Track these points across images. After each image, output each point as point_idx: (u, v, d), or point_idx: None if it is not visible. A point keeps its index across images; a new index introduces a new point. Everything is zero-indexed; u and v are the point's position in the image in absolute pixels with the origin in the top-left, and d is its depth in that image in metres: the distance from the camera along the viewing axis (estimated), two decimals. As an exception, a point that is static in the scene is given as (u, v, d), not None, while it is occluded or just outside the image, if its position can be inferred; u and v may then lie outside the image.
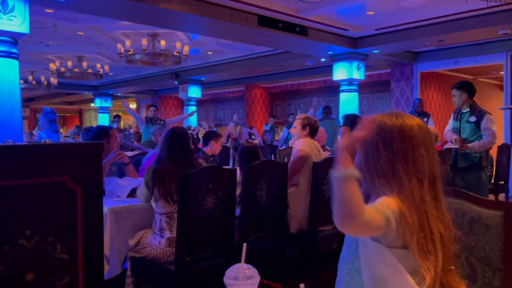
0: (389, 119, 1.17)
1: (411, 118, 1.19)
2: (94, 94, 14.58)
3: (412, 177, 1.12)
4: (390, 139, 1.14)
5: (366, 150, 1.16)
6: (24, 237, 1.35)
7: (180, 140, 2.64)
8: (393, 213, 1.07)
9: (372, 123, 1.13)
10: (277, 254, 3.11)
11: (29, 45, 8.16)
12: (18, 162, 1.34)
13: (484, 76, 10.93)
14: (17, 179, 1.34)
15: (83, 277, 1.49)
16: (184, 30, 7.01)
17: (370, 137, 1.13)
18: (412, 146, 1.14)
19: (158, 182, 2.49)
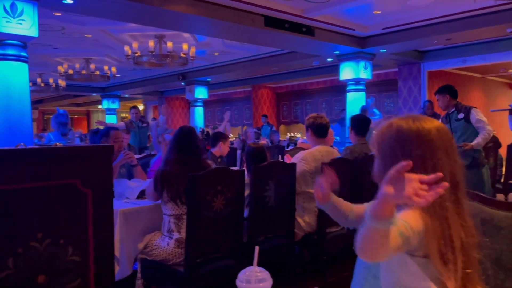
0: (406, 123, 1.12)
1: (429, 121, 1.14)
2: (102, 95, 14.67)
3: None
4: (408, 144, 1.10)
5: (383, 157, 1.13)
6: (36, 239, 1.36)
7: (188, 139, 2.62)
8: (417, 232, 1.02)
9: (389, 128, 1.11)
10: (285, 255, 3.11)
11: (38, 48, 8.23)
12: (30, 165, 1.35)
13: (493, 74, 10.84)
14: (28, 182, 1.35)
15: (94, 279, 1.50)
16: (190, 32, 7.04)
17: (386, 142, 1.11)
18: (430, 150, 1.09)
19: (166, 185, 2.50)
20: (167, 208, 2.53)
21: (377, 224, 0.94)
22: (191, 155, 2.60)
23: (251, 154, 3.19)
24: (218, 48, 8.65)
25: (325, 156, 3.30)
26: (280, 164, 3.18)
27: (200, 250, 2.40)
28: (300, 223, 3.19)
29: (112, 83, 13.00)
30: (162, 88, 14.40)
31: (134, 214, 2.65)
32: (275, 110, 14.15)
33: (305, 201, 3.26)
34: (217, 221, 2.45)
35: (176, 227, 2.48)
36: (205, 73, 11.05)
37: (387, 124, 1.14)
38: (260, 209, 2.84)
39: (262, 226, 2.91)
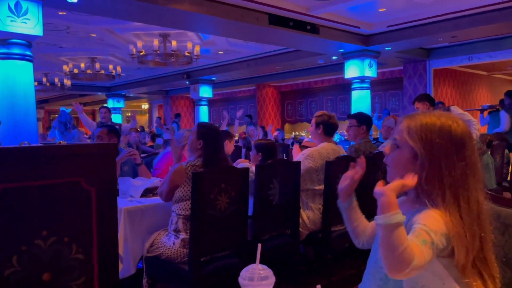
0: (456, 123, 1.07)
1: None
2: (107, 95, 14.72)
3: (478, 188, 1.06)
4: (463, 147, 1.05)
5: (431, 155, 1.05)
6: (40, 237, 1.36)
7: (215, 135, 2.62)
8: (441, 233, 0.99)
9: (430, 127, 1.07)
10: (290, 253, 3.10)
11: (43, 48, 8.27)
12: (33, 163, 1.35)
13: (499, 72, 10.76)
14: (32, 180, 1.35)
15: (98, 277, 1.50)
16: (195, 30, 7.04)
17: (437, 141, 1.05)
18: (475, 152, 1.07)
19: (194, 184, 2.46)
20: (178, 207, 2.50)
21: (387, 220, 0.93)
22: (218, 150, 2.60)
23: (264, 149, 3.18)
24: (223, 46, 8.64)
25: (331, 153, 3.29)
26: (285, 162, 3.17)
27: (204, 248, 2.40)
28: (305, 221, 3.18)
29: (117, 82, 13.04)
30: (167, 87, 14.43)
31: (138, 213, 2.65)
32: (279, 109, 14.13)
33: (310, 198, 3.25)
34: (221, 219, 2.45)
35: (184, 227, 2.47)
36: (210, 71, 11.05)
37: (430, 120, 1.07)
38: (265, 207, 2.84)
39: (267, 225, 2.90)
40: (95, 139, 3.49)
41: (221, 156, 2.61)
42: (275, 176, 2.88)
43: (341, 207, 1.29)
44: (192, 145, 2.61)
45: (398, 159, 1.11)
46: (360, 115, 3.95)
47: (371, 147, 3.80)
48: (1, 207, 1.27)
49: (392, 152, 1.13)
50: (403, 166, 1.09)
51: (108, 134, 3.50)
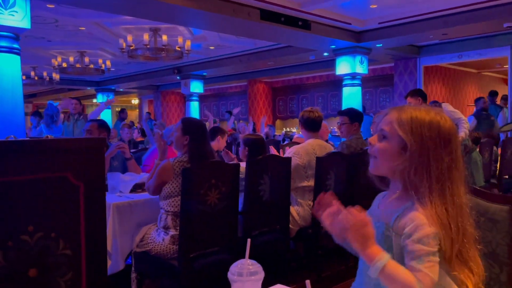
0: (442, 117, 1.09)
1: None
2: (96, 89, 14.58)
3: (461, 182, 1.08)
4: (450, 143, 1.07)
5: (422, 149, 1.06)
6: (27, 233, 1.34)
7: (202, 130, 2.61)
8: (436, 237, 1.01)
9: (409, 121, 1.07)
10: (280, 249, 3.10)
11: (31, 41, 8.15)
12: (20, 157, 1.34)
13: (488, 70, 10.87)
14: (19, 175, 1.33)
15: (86, 273, 1.49)
16: (186, 25, 6.99)
17: (428, 135, 1.05)
18: (459, 148, 1.09)
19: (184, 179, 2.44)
20: (167, 203, 2.48)
21: (376, 269, 0.97)
22: (204, 145, 2.58)
23: (252, 145, 3.17)
24: (214, 41, 8.60)
25: (317, 150, 3.30)
26: (276, 158, 3.16)
27: (194, 244, 2.39)
28: (295, 217, 3.19)
29: (107, 77, 12.91)
30: (157, 82, 14.34)
31: (127, 208, 2.63)
32: (271, 105, 14.13)
33: (299, 195, 3.25)
34: (211, 215, 2.44)
35: (173, 224, 2.45)
36: (201, 67, 10.99)
37: (420, 114, 1.08)
38: (255, 203, 2.83)
39: (257, 221, 2.90)
40: (85, 133, 3.45)
41: (207, 151, 2.58)
42: (266, 172, 2.88)
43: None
44: (178, 141, 2.59)
45: (385, 150, 1.10)
46: (352, 111, 3.94)
47: (362, 144, 3.81)
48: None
49: (379, 142, 1.12)
50: (390, 157, 1.09)
51: (99, 129, 3.46)
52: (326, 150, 3.37)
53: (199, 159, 2.49)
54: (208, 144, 2.63)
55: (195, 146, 2.53)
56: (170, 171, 2.46)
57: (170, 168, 2.47)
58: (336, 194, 3.45)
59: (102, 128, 3.50)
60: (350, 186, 3.40)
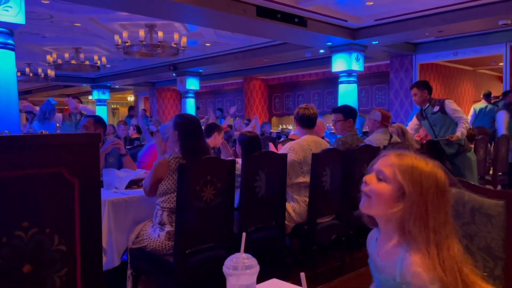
0: (438, 170, 1.11)
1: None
2: (92, 86, 14.52)
3: (453, 233, 1.09)
4: (444, 193, 1.09)
5: (421, 200, 1.07)
6: (21, 229, 1.33)
7: (193, 126, 2.58)
8: (433, 280, 1.02)
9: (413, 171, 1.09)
10: (276, 245, 3.11)
11: (26, 37, 8.10)
12: (15, 153, 1.33)
13: (484, 67, 10.91)
14: (13, 171, 1.32)
15: (81, 269, 1.48)
16: (181, 21, 6.96)
17: (427, 187, 1.07)
18: (451, 200, 1.12)
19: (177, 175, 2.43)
20: (163, 200, 2.48)
21: None
22: (198, 142, 2.56)
23: (246, 142, 3.17)
24: (210, 38, 8.58)
25: (313, 146, 3.30)
26: (271, 154, 3.16)
27: (190, 240, 2.39)
28: (291, 213, 3.19)
29: (103, 73, 12.86)
30: (153, 79, 14.29)
31: (122, 204, 2.62)
32: (267, 102, 14.12)
33: (295, 191, 3.26)
34: (207, 211, 2.43)
35: (169, 220, 2.45)
36: (197, 63, 10.97)
37: (420, 163, 1.10)
38: (251, 199, 2.83)
39: (253, 217, 2.90)
40: (81, 128, 3.44)
41: (199, 147, 2.55)
42: (262, 168, 2.88)
43: None
44: (172, 137, 2.59)
45: (382, 193, 1.10)
46: (346, 108, 3.95)
47: (358, 140, 3.82)
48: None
49: (376, 183, 1.12)
50: (386, 201, 1.09)
51: (95, 124, 3.45)
52: (322, 146, 3.37)
53: (192, 155, 2.48)
54: (201, 139, 2.61)
55: (186, 141, 2.52)
56: (166, 167, 2.45)
57: (166, 164, 2.46)
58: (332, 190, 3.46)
59: (98, 124, 3.49)
60: (346, 182, 3.41)
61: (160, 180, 2.47)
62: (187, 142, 2.51)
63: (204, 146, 2.61)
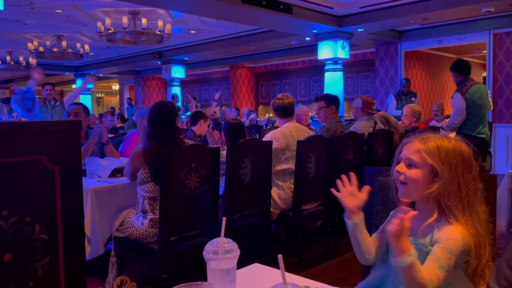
0: (461, 143, 1.19)
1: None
2: (75, 74, 14.27)
3: (483, 201, 1.18)
4: (471, 165, 1.17)
5: (453, 176, 1.15)
6: (1, 217, 1.32)
7: (164, 115, 2.53)
8: (459, 252, 1.10)
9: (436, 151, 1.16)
10: (261, 232, 3.13)
11: (6, 24, 7.90)
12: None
13: (467, 55, 11.01)
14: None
15: (64, 257, 1.47)
16: (165, 7, 6.86)
17: (455, 162, 1.14)
18: (477, 168, 1.19)
19: (146, 163, 2.43)
20: (142, 189, 2.47)
21: (396, 261, 1.05)
22: (167, 131, 2.51)
23: (229, 130, 3.18)
24: (195, 25, 8.48)
25: (295, 132, 3.34)
26: (256, 141, 3.16)
27: (174, 228, 2.39)
28: (276, 200, 3.21)
29: (86, 61, 12.64)
30: (138, 67, 14.11)
31: (106, 193, 2.60)
32: (253, 90, 14.07)
33: (280, 178, 3.27)
34: (192, 199, 2.43)
35: (151, 208, 2.44)
36: (182, 51, 10.85)
37: (443, 142, 1.17)
38: (236, 186, 2.84)
39: (238, 204, 2.90)
40: (70, 115, 3.37)
41: (171, 135, 2.51)
42: (247, 155, 2.88)
43: (349, 224, 1.25)
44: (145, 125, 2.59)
45: (417, 177, 1.17)
46: (328, 96, 4.01)
47: (342, 127, 3.85)
48: (-44, 185, 1.22)
49: (408, 171, 1.19)
50: (422, 184, 1.17)
51: (84, 112, 3.42)
52: (303, 132, 3.41)
53: (161, 144, 2.43)
54: (170, 128, 2.53)
55: (155, 130, 2.49)
56: (140, 157, 2.45)
57: (140, 154, 2.45)
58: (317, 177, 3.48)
59: (87, 113, 3.46)
60: (331, 169, 3.43)
61: (137, 170, 2.47)
62: (156, 130, 2.49)
63: (174, 135, 2.55)
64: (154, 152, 2.41)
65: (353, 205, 1.24)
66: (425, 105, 9.84)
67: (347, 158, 3.59)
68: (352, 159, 3.62)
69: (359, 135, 3.75)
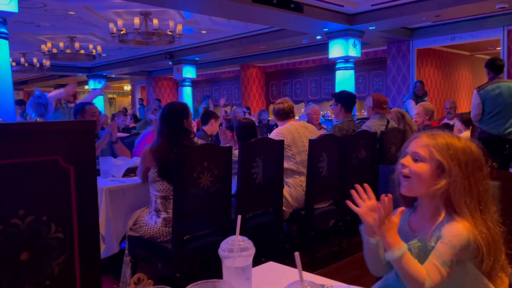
0: (471, 143, 1.18)
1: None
2: (88, 75, 14.42)
3: (493, 201, 1.16)
4: (482, 165, 1.15)
5: (462, 173, 1.13)
6: (17, 216, 1.33)
7: (178, 116, 2.56)
8: (463, 247, 1.08)
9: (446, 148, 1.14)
10: (274, 231, 3.12)
11: (20, 26, 8.01)
12: (10, 141, 1.32)
13: (481, 52, 10.85)
14: (8, 158, 1.31)
15: (79, 256, 1.49)
16: (176, 8, 6.89)
17: (465, 161, 1.13)
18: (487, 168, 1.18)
19: (154, 160, 2.46)
20: (154, 188, 2.50)
21: (393, 256, 1.06)
22: (174, 132, 2.53)
23: (241, 129, 3.18)
24: (206, 25, 8.50)
25: (300, 129, 3.36)
26: (268, 140, 3.16)
27: (187, 227, 2.40)
28: (288, 199, 3.21)
29: (98, 62, 12.76)
30: (149, 67, 14.20)
31: (120, 192, 2.62)
32: (264, 89, 14.06)
33: (289, 177, 3.27)
34: (204, 198, 2.44)
35: (163, 207, 2.46)
36: (193, 51, 10.89)
37: (453, 140, 1.16)
38: (248, 185, 2.84)
39: (250, 203, 2.90)
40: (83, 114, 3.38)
41: (178, 136, 2.52)
42: (259, 154, 2.88)
43: (373, 242, 1.20)
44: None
45: (422, 172, 1.15)
46: (337, 93, 4.02)
47: (355, 126, 3.82)
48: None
49: (414, 165, 1.17)
50: (427, 180, 1.15)
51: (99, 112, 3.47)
52: (309, 129, 3.42)
53: (171, 142, 2.45)
54: (180, 128, 2.54)
55: (167, 129, 2.51)
56: (150, 156, 2.47)
57: (149, 153, 2.48)
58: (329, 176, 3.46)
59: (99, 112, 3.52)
60: (343, 167, 3.41)
61: (149, 169, 2.49)
62: (164, 130, 2.51)
63: (185, 135, 2.56)
64: (162, 150, 2.44)
65: (376, 220, 1.14)
66: (438, 103, 9.74)
67: (360, 157, 3.56)
68: (365, 158, 3.60)
69: (371, 134, 3.72)
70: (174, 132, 2.52)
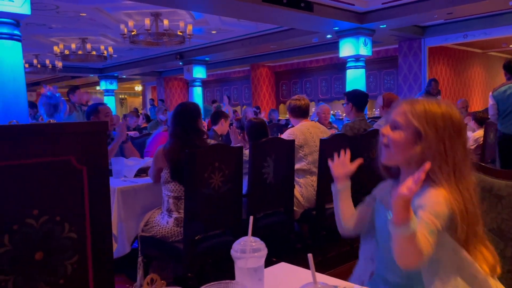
0: (452, 109, 1.15)
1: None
2: (99, 76, 14.56)
3: (472, 170, 1.14)
4: (460, 132, 1.13)
5: (439, 139, 1.10)
6: (32, 216, 1.34)
7: (186, 117, 2.56)
8: (444, 216, 1.04)
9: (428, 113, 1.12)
10: (285, 231, 3.12)
11: (32, 28, 8.12)
12: (23, 141, 1.33)
13: (494, 49, 10.72)
14: (22, 159, 1.33)
15: (92, 256, 1.50)
16: (186, 8, 6.92)
17: (442, 126, 1.10)
18: (467, 136, 1.16)
19: (167, 161, 2.46)
20: (166, 188, 2.51)
21: (399, 230, 0.96)
22: (185, 133, 2.53)
23: (252, 129, 3.18)
24: (215, 25, 8.52)
25: (311, 129, 3.34)
26: (279, 140, 3.15)
27: (198, 227, 2.40)
28: (299, 199, 3.20)
29: (110, 63, 12.88)
30: (160, 68, 14.29)
31: (132, 192, 2.64)
32: (274, 89, 14.05)
33: (299, 176, 3.26)
34: (215, 198, 2.44)
35: (175, 207, 2.47)
36: (203, 52, 10.93)
37: (432, 106, 1.13)
38: (259, 185, 2.84)
39: (261, 203, 2.90)
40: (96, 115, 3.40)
41: (190, 137, 2.52)
42: (270, 154, 2.87)
43: (335, 191, 1.31)
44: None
45: (399, 139, 1.13)
46: (350, 92, 3.99)
47: (366, 125, 3.80)
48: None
49: (392, 133, 1.15)
50: (405, 146, 1.12)
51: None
52: (320, 130, 3.40)
53: (182, 143, 2.46)
54: (192, 128, 2.54)
55: (179, 130, 2.51)
56: (162, 157, 2.48)
57: (162, 154, 2.48)
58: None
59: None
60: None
61: (161, 170, 2.50)
62: (180, 130, 2.52)
63: (197, 135, 2.56)
64: (174, 151, 2.44)
65: (340, 173, 1.33)
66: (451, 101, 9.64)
67: (371, 156, 3.54)
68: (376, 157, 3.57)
69: (383, 133, 3.69)
70: (185, 132, 2.52)
